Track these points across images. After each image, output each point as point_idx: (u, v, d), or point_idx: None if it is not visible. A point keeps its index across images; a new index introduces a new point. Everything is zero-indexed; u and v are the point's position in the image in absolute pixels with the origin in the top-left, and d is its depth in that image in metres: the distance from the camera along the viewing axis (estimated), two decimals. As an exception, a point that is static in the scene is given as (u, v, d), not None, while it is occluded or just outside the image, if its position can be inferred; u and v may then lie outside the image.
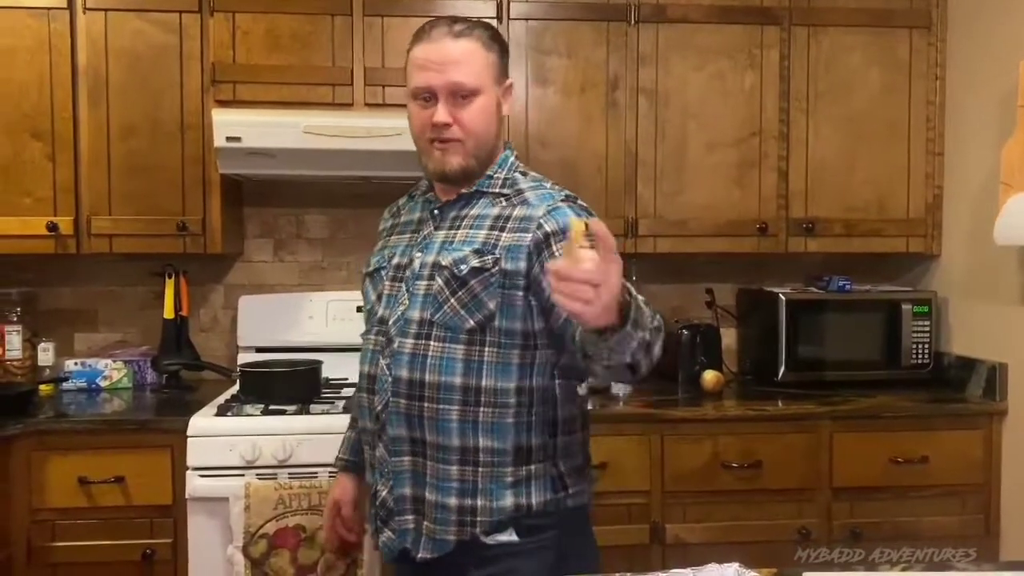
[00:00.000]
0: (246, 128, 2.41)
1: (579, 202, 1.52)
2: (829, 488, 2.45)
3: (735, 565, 1.02)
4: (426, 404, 1.44)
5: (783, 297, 2.71)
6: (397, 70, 2.57)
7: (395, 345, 1.48)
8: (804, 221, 2.73)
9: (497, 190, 1.52)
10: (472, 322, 1.43)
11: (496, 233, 1.46)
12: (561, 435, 1.50)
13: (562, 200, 1.48)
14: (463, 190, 1.52)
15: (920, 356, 2.72)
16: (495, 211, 1.49)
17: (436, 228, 1.53)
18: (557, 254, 1.37)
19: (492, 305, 1.42)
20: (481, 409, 1.43)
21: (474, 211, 1.51)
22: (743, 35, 2.69)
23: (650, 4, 2.66)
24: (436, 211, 1.54)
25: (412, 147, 2.44)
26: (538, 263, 1.41)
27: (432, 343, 1.45)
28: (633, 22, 2.66)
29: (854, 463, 2.46)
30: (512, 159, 1.58)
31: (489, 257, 1.44)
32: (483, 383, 1.43)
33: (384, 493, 1.51)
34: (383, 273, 1.57)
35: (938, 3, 2.75)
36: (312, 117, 2.45)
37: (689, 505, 2.41)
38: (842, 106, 2.74)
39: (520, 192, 1.50)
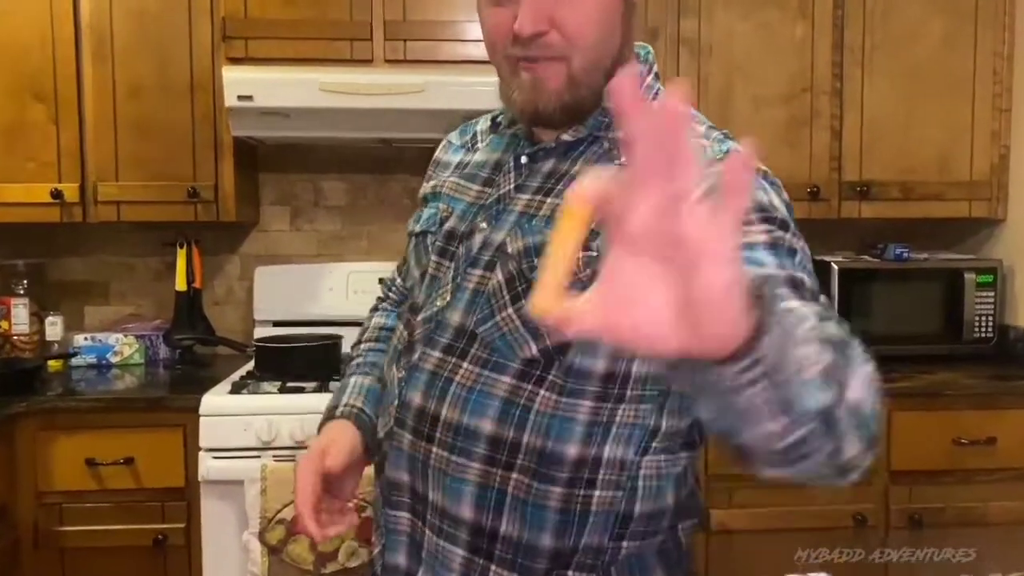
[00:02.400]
0: (259, 86, 2.26)
1: (757, 167, 0.90)
2: (887, 471, 2.27)
3: None
4: (435, 449, 0.97)
5: (836, 266, 2.51)
6: (419, 23, 2.41)
7: (415, 356, 1.02)
8: (859, 184, 2.53)
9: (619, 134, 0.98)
10: (534, 350, 0.93)
11: None
12: (631, 540, 0.97)
13: (718, 160, 0.90)
14: (565, 136, 1.00)
15: (984, 329, 2.53)
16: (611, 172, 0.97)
17: (519, 187, 1.02)
18: None
19: None
20: (513, 476, 0.94)
21: (579, 168, 0.98)
22: (794, -18, 2.49)
23: (693, -50, 2.47)
24: (524, 158, 1.03)
25: (435, 105, 2.32)
26: None
27: (465, 365, 0.97)
28: (674, -31, 2.47)
29: (914, 444, 2.28)
30: (649, 80, 1.03)
31: (580, 254, 0.90)
32: (525, 439, 0.93)
33: (377, 551, 1.08)
34: (429, 241, 1.08)
35: (1008, -56, 2.53)
36: (329, 74, 2.28)
37: (735, 490, 2.24)
38: (901, 59, 2.52)
39: None
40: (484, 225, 1.01)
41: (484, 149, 1.11)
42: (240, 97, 2.24)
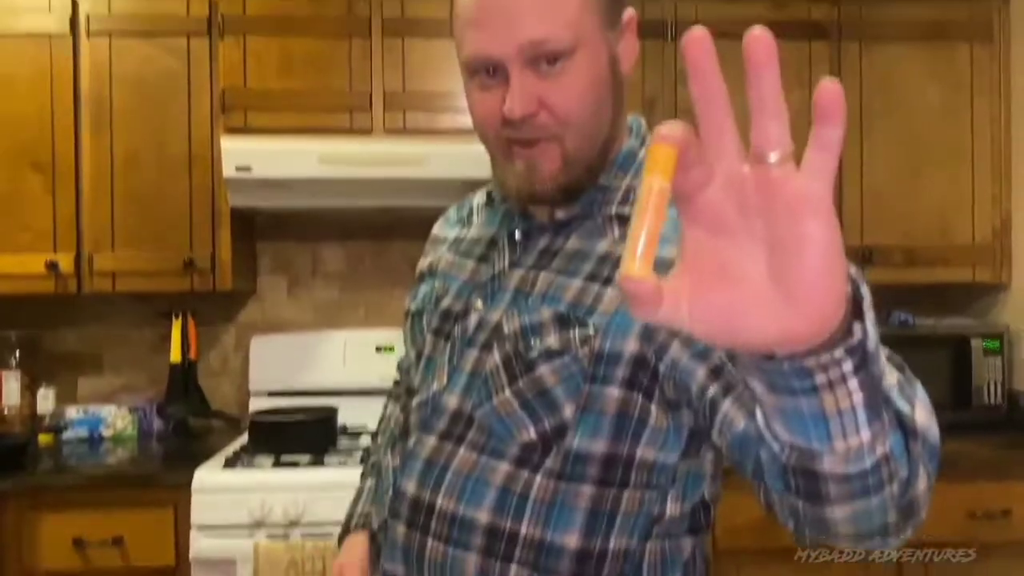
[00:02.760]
0: (257, 157, 2.25)
1: None
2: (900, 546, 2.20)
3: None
4: (431, 541, 0.91)
5: (840, 333, 2.48)
6: (418, 93, 2.43)
7: (410, 442, 0.98)
8: (860, 250, 2.51)
9: (614, 210, 0.95)
10: (533, 433, 0.89)
11: (596, 288, 0.90)
12: None
13: None
14: (559, 214, 0.97)
15: (993, 396, 2.48)
16: (603, 246, 0.93)
17: (513, 263, 0.98)
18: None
19: (568, 410, 0.87)
20: (513, 568, 0.88)
21: (572, 244, 0.95)
22: (790, 51, 2.50)
23: (689, 21, 2.48)
24: (518, 234, 1.00)
25: (435, 175, 2.32)
26: (655, 347, 0.86)
27: (461, 451, 0.92)
28: (670, 39, 2.49)
29: (926, 518, 2.20)
30: (642, 155, 0.97)
31: (576, 332, 0.88)
32: (522, 529, 0.88)
33: None
34: (425, 320, 1.05)
35: (1000, 13, 2.55)
36: (328, 144, 2.28)
37: (744, 564, 2.17)
38: (899, 126, 2.53)
39: None
40: (479, 304, 0.98)
41: (478, 225, 1.09)
42: (238, 168, 2.23)
